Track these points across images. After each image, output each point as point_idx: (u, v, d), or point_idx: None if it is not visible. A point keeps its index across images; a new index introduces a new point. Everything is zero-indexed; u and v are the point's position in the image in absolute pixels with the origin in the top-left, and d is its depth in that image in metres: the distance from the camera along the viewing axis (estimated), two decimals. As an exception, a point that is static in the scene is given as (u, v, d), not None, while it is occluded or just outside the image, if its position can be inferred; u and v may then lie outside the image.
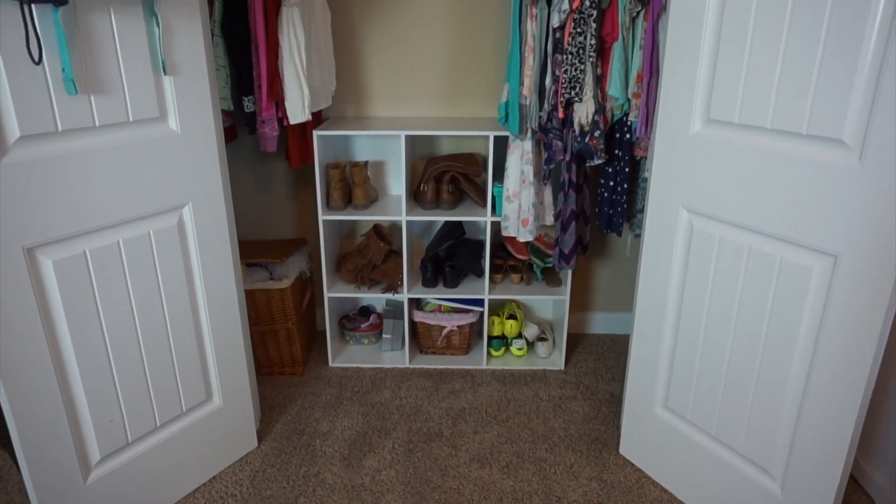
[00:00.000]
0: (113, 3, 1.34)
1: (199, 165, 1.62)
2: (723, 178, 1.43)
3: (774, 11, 1.25)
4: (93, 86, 1.34)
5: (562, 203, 2.11)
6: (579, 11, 1.81)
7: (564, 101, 1.92)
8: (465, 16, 2.33)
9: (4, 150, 1.23)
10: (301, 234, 2.67)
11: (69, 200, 1.35)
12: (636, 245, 2.52)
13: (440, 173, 2.32)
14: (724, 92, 1.39)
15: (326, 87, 2.22)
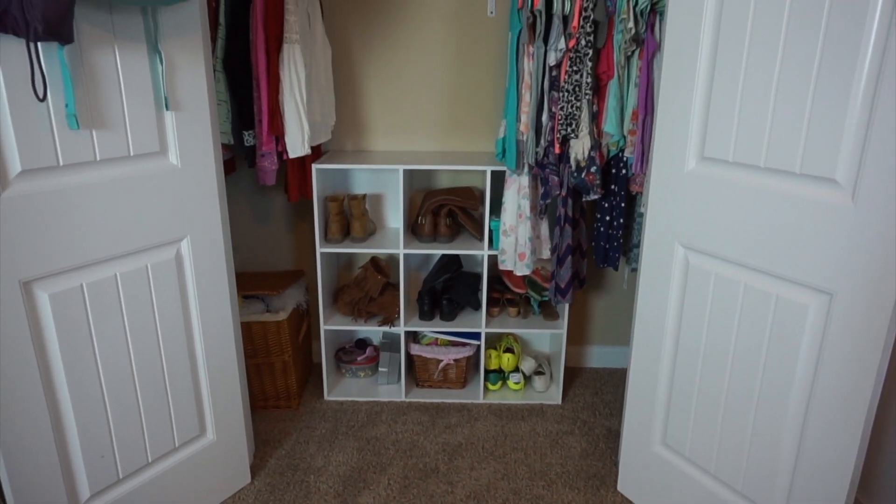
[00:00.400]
0: (118, 41, 1.37)
1: (198, 199, 1.63)
2: (718, 215, 1.45)
3: (766, 52, 1.28)
4: (95, 121, 1.36)
5: (558, 237, 2.12)
6: (575, 50, 1.85)
7: (561, 137, 1.94)
8: (464, 52, 2.38)
9: (5, 184, 1.24)
10: (299, 266, 2.67)
11: (68, 234, 1.36)
12: (633, 279, 2.52)
13: (438, 207, 2.34)
14: (717, 130, 1.41)
15: (326, 122, 2.24)
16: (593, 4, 1.81)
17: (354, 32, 2.37)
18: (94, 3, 1.29)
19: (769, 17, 1.26)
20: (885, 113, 1.12)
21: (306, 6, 2.02)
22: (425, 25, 2.35)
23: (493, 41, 2.36)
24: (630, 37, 1.82)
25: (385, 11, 2.34)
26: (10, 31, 1.13)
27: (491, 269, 2.56)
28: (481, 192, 2.48)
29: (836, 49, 1.16)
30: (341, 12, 2.34)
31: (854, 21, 1.13)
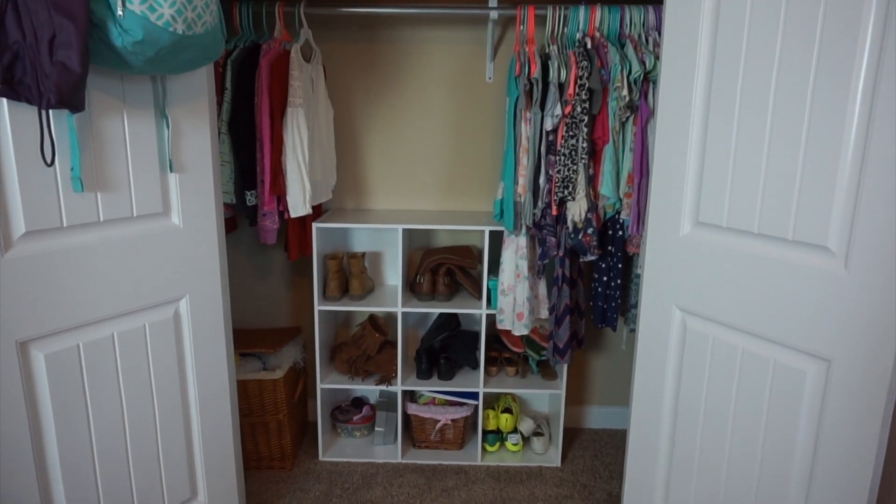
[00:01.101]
0: (127, 107, 1.41)
1: (198, 259, 1.64)
2: (714, 279, 1.46)
3: (756, 120, 1.32)
4: (100, 183, 1.39)
5: (556, 297, 2.13)
6: (571, 117, 1.90)
7: (558, 199, 1.97)
8: (463, 116, 2.44)
9: (9, 245, 1.26)
10: (296, 323, 2.67)
11: (68, 294, 1.36)
12: (631, 339, 2.52)
13: (436, 265, 2.35)
14: (711, 196, 1.44)
15: (327, 181, 2.28)
16: (588, 73, 1.87)
17: (357, 95, 2.44)
18: (107, 72, 1.34)
19: (758, 87, 1.31)
20: (874, 182, 1.15)
21: (310, 71, 2.09)
22: (426, 89, 2.43)
23: (492, 105, 2.42)
24: (624, 104, 1.87)
25: (387, 75, 2.42)
26: (24, 100, 1.17)
27: (489, 328, 2.55)
28: (479, 252, 2.50)
29: (824, 119, 1.20)
30: (344, 76, 2.41)
31: (839, 94, 1.17)
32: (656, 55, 1.89)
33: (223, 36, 1.41)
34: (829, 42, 1.18)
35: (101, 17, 1.14)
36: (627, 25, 2.00)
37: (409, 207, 2.55)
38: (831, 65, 1.18)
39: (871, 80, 1.13)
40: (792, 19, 1.23)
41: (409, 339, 2.61)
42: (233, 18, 2.12)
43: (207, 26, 1.29)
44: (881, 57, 1.12)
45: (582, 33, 2.01)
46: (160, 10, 1.18)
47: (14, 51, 1.13)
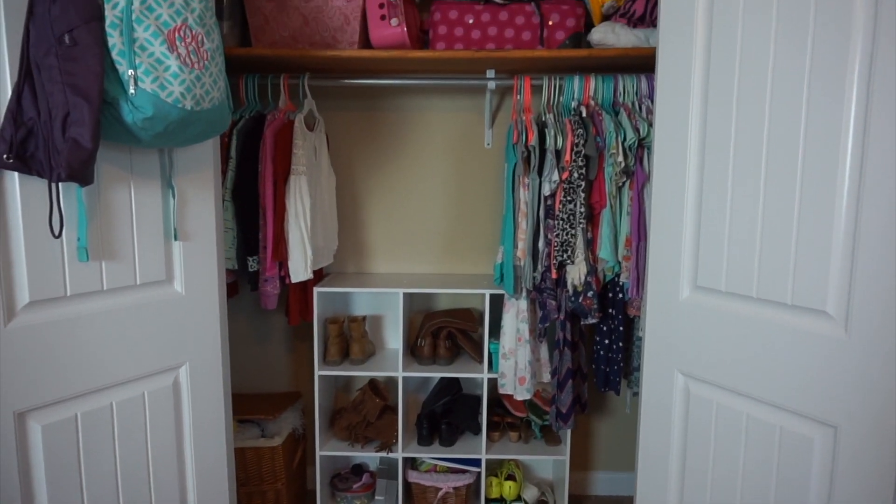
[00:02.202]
0: (134, 178, 1.44)
1: (200, 326, 1.64)
2: (715, 343, 1.45)
3: (750, 185, 1.34)
4: (105, 252, 1.40)
5: (558, 361, 2.11)
6: (568, 182, 1.94)
7: (557, 263, 1.99)
8: (463, 180, 2.49)
9: (12, 315, 1.26)
10: (296, 388, 2.64)
11: (68, 363, 1.36)
12: (635, 403, 2.48)
13: (437, 329, 2.35)
14: (708, 261, 1.45)
15: (329, 246, 2.31)
16: (584, 140, 1.92)
17: (358, 161, 2.49)
18: (116, 145, 1.38)
19: (750, 152, 1.34)
20: (869, 245, 1.16)
21: (314, 140, 2.15)
22: (426, 155, 2.49)
23: (491, 170, 2.48)
24: (620, 170, 1.91)
25: (388, 142, 2.48)
26: (35, 173, 1.20)
27: (491, 392, 2.52)
28: (480, 314, 2.50)
29: (817, 182, 1.23)
30: (347, 143, 2.48)
31: (829, 158, 1.20)
32: (650, 122, 1.94)
33: (230, 110, 1.46)
34: (818, 109, 1.22)
35: (113, 97, 1.19)
36: (621, 94, 2.06)
37: (409, 271, 2.57)
38: (820, 131, 1.22)
39: (858, 147, 1.17)
40: (779, 90, 1.28)
41: (410, 404, 2.57)
42: (239, 90, 2.19)
43: (215, 102, 1.34)
44: (867, 126, 1.15)
45: (577, 102, 2.08)
46: (170, 88, 1.23)
47: (28, 127, 1.17)
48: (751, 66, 1.33)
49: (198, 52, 1.28)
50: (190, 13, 1.27)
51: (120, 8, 1.18)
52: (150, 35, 1.21)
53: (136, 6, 1.19)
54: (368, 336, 2.51)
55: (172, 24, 1.24)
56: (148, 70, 1.20)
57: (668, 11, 1.52)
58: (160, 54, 1.22)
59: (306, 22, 2.10)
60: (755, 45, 1.31)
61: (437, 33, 2.12)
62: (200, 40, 1.29)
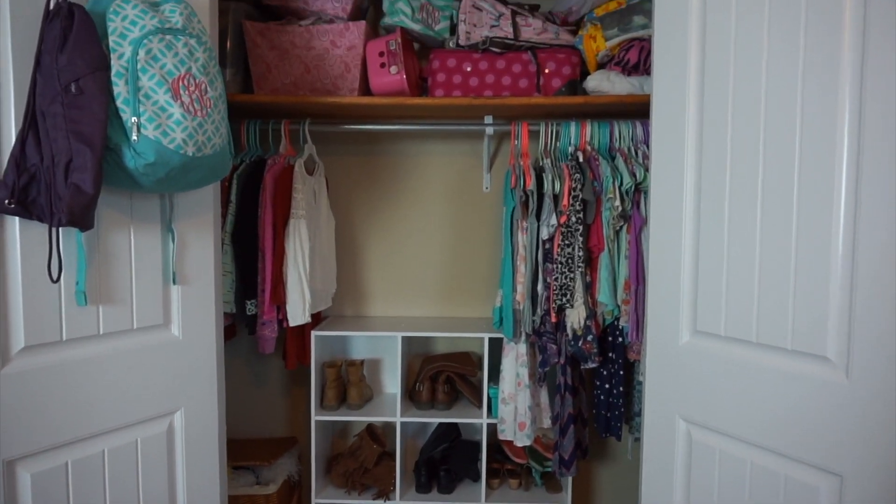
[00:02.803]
0: (134, 223, 1.45)
1: (196, 371, 1.63)
2: (716, 389, 1.44)
3: (746, 229, 1.35)
4: (103, 296, 1.40)
5: (559, 406, 2.09)
6: (566, 226, 1.96)
7: (556, 306, 1.99)
8: (461, 223, 2.51)
9: (6, 360, 1.25)
10: (292, 433, 2.60)
11: (61, 409, 1.34)
12: (637, 448, 2.44)
13: (436, 373, 2.33)
14: (707, 305, 1.45)
15: (327, 290, 2.30)
16: (581, 185, 1.94)
17: (358, 205, 2.51)
18: (117, 190, 1.39)
19: (745, 197, 1.35)
20: (867, 290, 1.16)
21: (313, 184, 2.17)
22: (425, 198, 2.51)
23: (489, 214, 2.49)
24: (618, 214, 1.93)
25: (387, 186, 2.51)
26: (36, 218, 1.21)
27: (490, 438, 2.48)
28: (479, 358, 2.48)
29: (812, 224, 1.23)
30: (346, 187, 2.50)
31: (824, 202, 1.21)
32: (646, 167, 1.97)
33: (231, 156, 1.48)
34: (812, 156, 1.23)
35: (116, 143, 1.21)
36: (617, 139, 2.10)
37: (408, 314, 2.56)
38: (815, 177, 1.23)
39: (852, 192, 1.18)
40: (772, 135, 1.30)
41: (408, 450, 2.53)
42: (241, 135, 2.22)
43: (216, 148, 1.36)
44: (859, 174, 1.17)
45: (574, 147, 2.11)
46: (172, 135, 1.25)
47: (31, 173, 1.18)
48: (744, 113, 1.35)
49: (201, 100, 1.31)
50: (194, 63, 1.30)
51: (126, 58, 1.21)
52: (154, 84, 1.23)
53: (142, 56, 1.22)
54: (366, 380, 2.48)
55: (177, 73, 1.26)
56: (151, 117, 1.23)
57: (662, 60, 1.55)
58: (164, 102, 1.24)
59: (308, 70, 2.14)
60: (747, 93, 1.34)
61: (435, 80, 2.16)
62: (204, 88, 1.32)
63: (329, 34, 2.12)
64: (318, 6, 2.15)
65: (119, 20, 1.22)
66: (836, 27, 1.19)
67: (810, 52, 1.23)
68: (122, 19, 1.22)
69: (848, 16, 1.18)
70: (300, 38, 2.13)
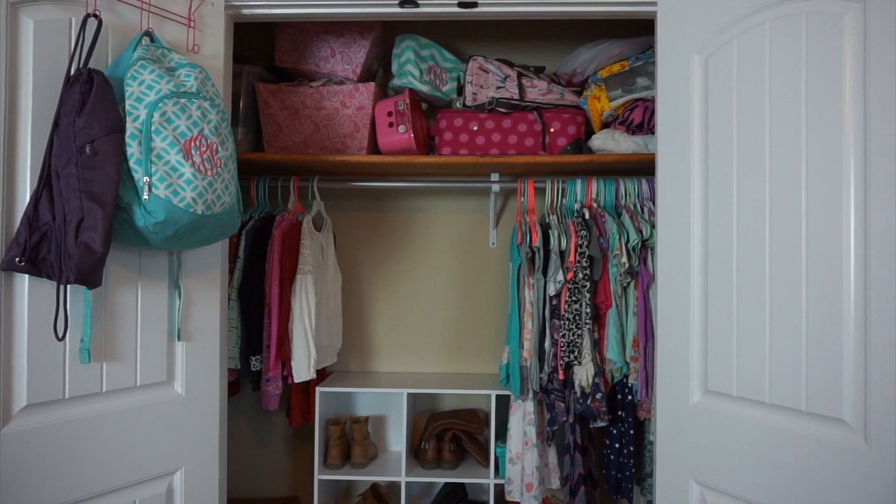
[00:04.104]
0: (141, 279, 1.46)
1: (198, 429, 1.60)
2: (729, 451, 1.40)
3: (756, 288, 1.34)
4: (107, 354, 1.40)
5: (568, 466, 2.03)
6: (573, 282, 1.95)
7: (564, 363, 1.96)
8: (467, 279, 2.51)
9: (7, 419, 1.24)
10: (295, 492, 2.53)
11: (60, 470, 1.32)
12: (650, 511, 2.36)
13: (442, 431, 2.28)
14: (718, 364, 1.43)
15: (333, 345, 2.29)
16: (587, 242, 1.95)
17: (364, 260, 2.52)
18: (126, 248, 1.40)
19: (754, 256, 1.34)
20: (883, 347, 1.14)
21: (321, 239, 2.19)
22: (431, 254, 2.52)
23: (495, 270, 2.49)
24: (625, 270, 1.92)
25: (394, 241, 2.52)
26: (45, 275, 1.22)
27: (498, 499, 2.41)
28: (486, 415, 2.43)
29: (823, 285, 1.22)
30: (353, 242, 2.52)
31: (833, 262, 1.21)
32: (652, 224, 1.97)
33: (239, 213, 1.50)
34: (818, 208, 1.24)
35: (127, 202, 1.23)
36: (622, 196, 2.11)
37: (413, 370, 2.53)
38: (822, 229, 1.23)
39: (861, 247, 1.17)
40: (778, 191, 1.30)
41: (414, 512, 2.45)
42: (250, 191, 2.26)
43: (225, 206, 1.38)
44: (867, 228, 1.17)
45: (580, 204, 2.13)
46: (182, 194, 1.27)
47: (43, 231, 1.20)
48: (748, 168, 1.36)
49: (212, 160, 1.33)
50: (206, 124, 1.34)
51: (141, 120, 1.24)
52: (167, 145, 1.26)
53: (157, 119, 1.25)
54: (371, 438, 2.43)
55: (189, 135, 1.30)
56: (162, 177, 1.25)
57: (665, 120, 1.58)
58: (175, 162, 1.27)
59: (317, 129, 2.19)
60: (751, 148, 1.36)
61: (442, 139, 2.20)
62: (215, 149, 1.35)
63: (339, 95, 2.17)
64: (329, 68, 2.22)
65: (136, 85, 1.26)
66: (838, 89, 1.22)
67: (812, 104, 1.25)
68: (140, 84, 1.26)
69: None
70: (311, 99, 2.18)
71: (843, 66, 1.21)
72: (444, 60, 2.33)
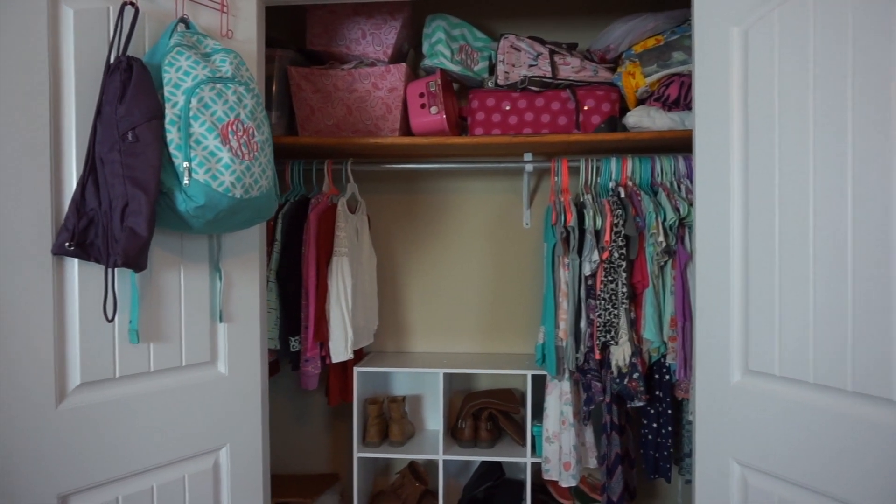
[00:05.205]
0: (184, 262, 1.50)
1: (241, 407, 1.65)
2: (772, 431, 1.38)
3: (799, 264, 1.30)
4: (154, 334, 1.44)
5: (605, 446, 2.03)
6: (609, 262, 1.93)
7: (600, 343, 1.95)
8: (501, 260, 2.50)
9: (63, 396, 1.29)
10: (334, 469, 2.59)
11: (112, 445, 1.37)
12: (688, 491, 2.34)
13: (478, 410, 2.30)
14: (759, 344, 1.40)
15: (369, 326, 2.32)
16: (623, 220, 1.93)
17: (399, 242, 2.54)
18: (168, 231, 1.44)
19: (796, 231, 1.30)
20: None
21: (356, 222, 2.21)
22: (465, 235, 2.52)
23: (529, 250, 2.48)
24: (661, 249, 1.90)
25: (427, 223, 2.53)
26: (93, 259, 1.26)
27: (535, 476, 2.43)
28: (522, 394, 2.44)
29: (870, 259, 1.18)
30: (387, 224, 2.54)
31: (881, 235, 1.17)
32: (689, 201, 1.94)
33: (277, 197, 1.52)
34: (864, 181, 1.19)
35: (168, 187, 1.26)
36: (658, 174, 2.08)
37: (449, 350, 2.55)
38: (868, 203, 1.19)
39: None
40: (822, 163, 1.26)
41: (451, 489, 2.49)
42: (285, 175, 2.29)
43: (263, 190, 1.40)
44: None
45: (615, 182, 2.10)
46: (221, 178, 1.29)
47: (90, 217, 1.24)
48: (791, 142, 1.32)
49: (248, 145, 1.35)
50: (242, 109, 1.36)
51: (179, 107, 1.27)
52: (205, 130, 1.28)
53: (194, 105, 1.27)
54: (408, 417, 2.47)
55: (226, 119, 1.32)
56: (202, 162, 1.27)
57: (704, 95, 1.54)
58: (213, 147, 1.29)
59: (350, 111, 2.20)
60: (794, 122, 1.31)
61: (475, 119, 2.19)
62: (251, 133, 1.37)
63: (371, 77, 2.18)
64: (360, 50, 2.22)
65: (174, 71, 1.29)
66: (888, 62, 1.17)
67: (859, 76, 1.20)
68: (177, 70, 1.29)
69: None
70: (343, 82, 2.19)
71: (894, 37, 1.16)
72: (475, 39, 2.31)
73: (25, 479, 1.24)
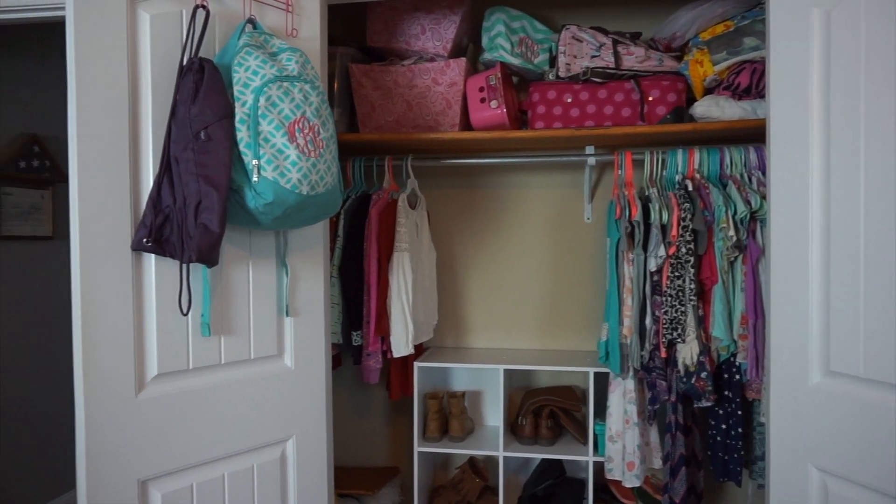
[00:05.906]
0: (252, 258, 1.54)
1: (307, 400, 1.68)
2: (855, 436, 1.31)
3: (885, 260, 1.23)
4: (224, 328, 1.49)
5: (669, 446, 1.98)
6: (676, 257, 1.87)
7: (666, 341, 1.90)
8: (562, 255, 2.47)
9: (142, 385, 1.35)
10: (394, 463, 2.62)
11: (187, 434, 1.43)
12: (760, 496, 2.26)
13: (539, 407, 2.28)
14: (841, 343, 1.33)
15: (429, 321, 2.33)
16: (691, 214, 1.86)
17: (458, 237, 2.54)
18: (238, 228, 1.48)
19: (882, 223, 1.23)
20: None
21: (415, 217, 2.22)
22: (524, 230, 2.49)
23: (591, 245, 2.44)
24: (732, 244, 1.83)
25: (487, 218, 2.52)
26: (168, 255, 1.31)
27: (596, 476, 2.39)
28: (583, 392, 2.41)
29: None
30: (447, 220, 2.54)
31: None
32: (761, 195, 1.86)
33: (341, 194, 1.54)
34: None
35: (239, 185, 1.29)
36: (728, 166, 2.00)
37: (508, 346, 2.53)
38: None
39: None
40: (912, 161, 1.19)
41: (510, 486, 2.48)
42: (346, 172, 2.32)
43: (328, 186, 1.42)
44: None
45: (681, 175, 2.03)
46: (289, 175, 1.32)
47: (165, 214, 1.29)
48: (879, 134, 1.24)
49: (314, 142, 1.38)
50: (308, 107, 1.38)
51: (248, 106, 1.30)
52: (273, 128, 1.31)
53: (262, 103, 1.30)
54: (468, 412, 2.47)
55: (293, 117, 1.34)
56: (270, 159, 1.30)
57: (779, 81, 1.47)
58: (281, 145, 1.32)
59: (410, 107, 2.21)
60: (883, 112, 1.24)
61: (535, 113, 2.16)
62: (317, 130, 1.39)
63: (430, 72, 2.18)
64: (420, 46, 2.23)
65: (243, 71, 1.32)
66: None
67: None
68: (246, 70, 1.32)
69: None
70: (402, 78, 2.20)
71: None
72: (535, 31, 2.28)
73: (108, 465, 1.30)
